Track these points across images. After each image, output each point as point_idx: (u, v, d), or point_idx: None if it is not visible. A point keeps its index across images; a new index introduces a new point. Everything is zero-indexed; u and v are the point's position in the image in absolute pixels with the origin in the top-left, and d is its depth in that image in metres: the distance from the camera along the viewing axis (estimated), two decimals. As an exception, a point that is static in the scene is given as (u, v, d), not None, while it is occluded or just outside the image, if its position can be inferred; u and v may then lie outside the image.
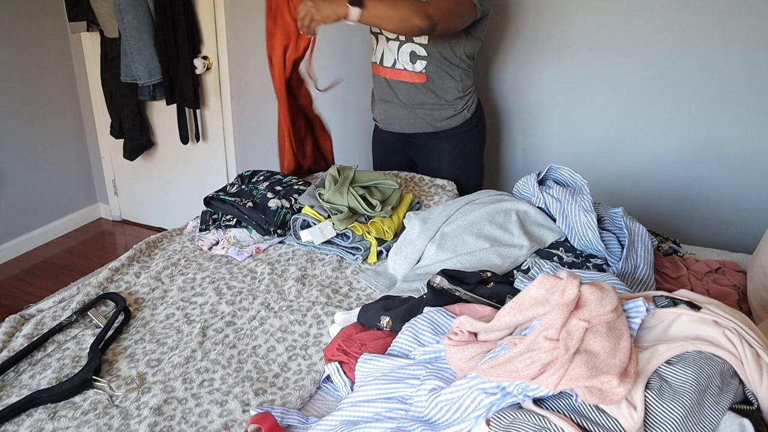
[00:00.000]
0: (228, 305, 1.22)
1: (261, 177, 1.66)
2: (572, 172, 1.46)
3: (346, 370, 0.99)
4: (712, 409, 0.70)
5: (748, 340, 0.75)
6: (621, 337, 0.72)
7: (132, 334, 1.13)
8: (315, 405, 0.98)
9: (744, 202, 2.05)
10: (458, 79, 1.80)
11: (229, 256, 1.42)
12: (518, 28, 2.18)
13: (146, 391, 0.98)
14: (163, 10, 2.63)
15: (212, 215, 1.52)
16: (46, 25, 3.00)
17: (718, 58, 1.93)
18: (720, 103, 1.97)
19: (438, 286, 1.05)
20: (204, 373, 1.02)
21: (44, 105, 3.09)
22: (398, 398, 0.85)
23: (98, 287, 1.25)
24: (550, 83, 2.21)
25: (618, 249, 1.30)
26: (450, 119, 1.83)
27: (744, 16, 1.85)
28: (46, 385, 0.98)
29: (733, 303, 1.23)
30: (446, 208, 1.45)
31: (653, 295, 0.84)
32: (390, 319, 1.04)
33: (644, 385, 0.70)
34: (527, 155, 2.37)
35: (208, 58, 2.80)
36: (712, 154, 2.05)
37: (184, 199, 3.24)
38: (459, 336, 0.84)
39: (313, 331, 1.14)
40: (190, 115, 2.98)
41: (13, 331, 1.11)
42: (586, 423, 0.70)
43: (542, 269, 1.21)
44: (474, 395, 0.74)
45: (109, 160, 3.36)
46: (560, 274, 0.76)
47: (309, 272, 1.35)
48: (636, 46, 2.03)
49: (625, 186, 2.23)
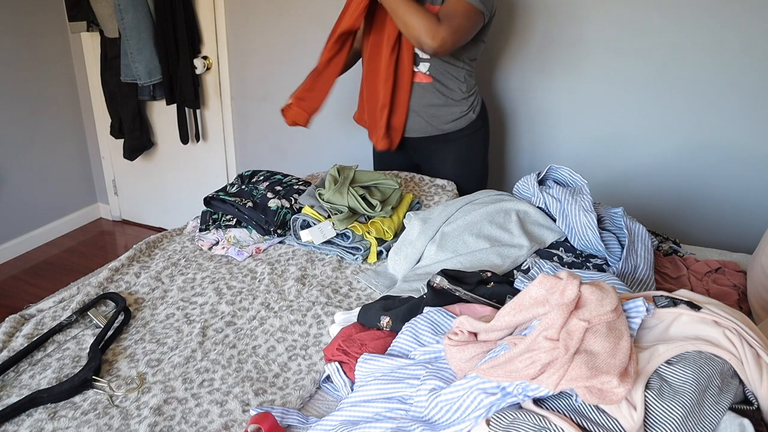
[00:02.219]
0: (228, 305, 1.22)
1: (261, 177, 1.66)
2: (572, 172, 1.46)
3: (346, 370, 0.99)
4: (712, 409, 0.70)
5: (748, 340, 0.75)
6: (621, 337, 0.72)
7: (132, 334, 1.13)
8: (315, 405, 0.98)
9: (744, 202, 2.05)
10: (462, 79, 1.80)
11: (229, 256, 1.42)
12: (524, 30, 2.18)
13: (146, 391, 0.98)
14: (163, 10, 2.63)
15: (212, 215, 1.52)
16: (46, 25, 3.00)
17: (718, 59, 1.93)
18: (720, 103, 1.97)
19: (438, 286, 1.05)
20: (204, 373, 1.02)
21: (44, 105, 3.09)
22: (398, 398, 0.85)
23: (98, 287, 1.25)
24: (552, 84, 2.21)
25: (618, 249, 1.30)
26: (456, 121, 1.83)
27: (744, 15, 1.85)
28: (46, 385, 0.98)
29: (733, 303, 1.23)
30: (446, 208, 1.45)
31: (653, 295, 0.84)
32: (390, 319, 1.04)
33: (644, 385, 0.70)
34: (531, 155, 2.37)
35: (208, 58, 2.80)
36: (712, 154, 2.05)
37: (184, 199, 3.24)
38: (459, 336, 0.84)
39: (313, 331, 1.14)
40: (190, 115, 2.98)
41: (13, 331, 1.11)
42: (586, 423, 0.69)
43: (542, 269, 1.20)
44: (474, 395, 0.74)
45: (109, 160, 3.36)
46: (560, 274, 0.76)
47: (309, 272, 1.35)
48: (637, 47, 2.03)
49: (625, 186, 2.23)
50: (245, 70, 2.77)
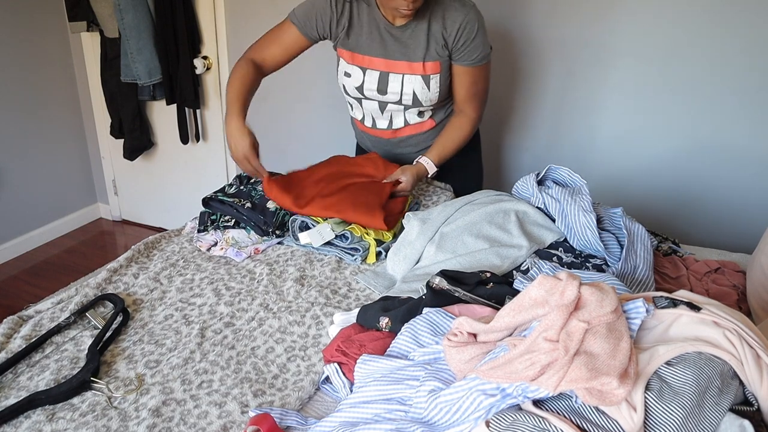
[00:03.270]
0: (227, 306, 1.22)
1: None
2: (571, 172, 1.46)
3: (345, 371, 0.98)
4: (713, 410, 0.69)
5: (748, 341, 0.74)
6: (621, 338, 0.72)
7: (130, 336, 1.13)
8: (314, 406, 0.98)
9: (744, 202, 2.05)
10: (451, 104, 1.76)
11: (227, 257, 1.41)
12: (521, 30, 2.18)
13: (145, 393, 0.97)
14: (163, 10, 2.63)
15: (211, 216, 1.52)
16: (46, 25, 3.00)
17: (718, 59, 1.93)
18: (720, 103, 1.97)
19: (437, 286, 1.05)
20: (203, 374, 1.02)
21: (44, 105, 3.09)
22: (397, 399, 0.85)
23: (96, 288, 1.25)
24: (552, 84, 2.20)
25: (617, 249, 1.29)
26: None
27: (744, 15, 1.85)
28: (44, 386, 0.97)
29: (732, 303, 1.23)
30: (445, 208, 1.45)
31: (653, 296, 0.84)
32: (389, 320, 1.04)
33: (644, 386, 0.70)
34: (531, 155, 2.36)
35: (208, 58, 2.80)
36: (711, 154, 2.04)
37: (184, 199, 3.24)
38: (458, 337, 0.83)
39: (312, 332, 1.14)
40: (190, 115, 2.98)
41: (11, 333, 1.11)
42: (585, 424, 0.69)
43: (541, 270, 1.20)
44: (473, 396, 0.74)
45: (109, 160, 3.36)
46: (560, 275, 0.75)
47: (308, 273, 1.35)
48: (636, 46, 2.02)
49: (625, 186, 2.23)
50: (245, 70, 2.77)
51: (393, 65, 1.59)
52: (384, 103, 1.67)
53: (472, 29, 1.53)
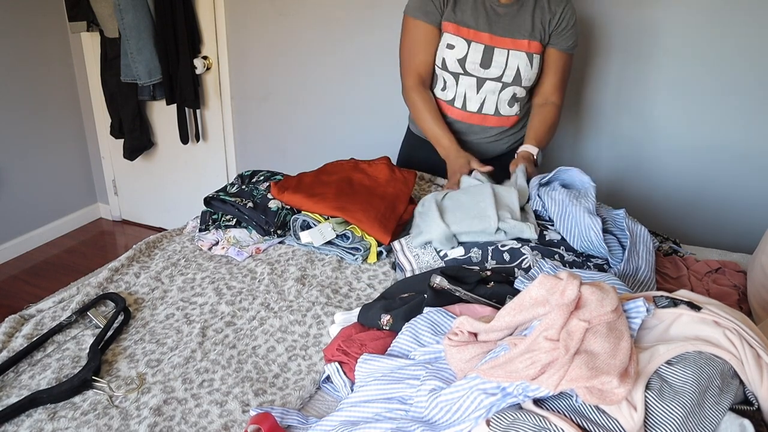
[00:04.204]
0: (228, 305, 1.22)
1: (261, 177, 1.66)
2: (581, 172, 1.44)
3: (346, 370, 0.99)
4: (713, 410, 0.69)
5: (749, 341, 0.75)
6: (621, 338, 0.72)
7: (132, 335, 1.13)
8: (315, 405, 0.98)
9: (744, 202, 2.05)
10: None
11: (228, 256, 1.42)
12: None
13: (146, 392, 0.98)
14: (163, 10, 2.63)
15: (212, 215, 1.52)
16: (46, 25, 3.00)
17: (718, 59, 1.93)
18: (720, 103, 1.97)
19: (438, 286, 1.05)
20: (204, 373, 1.02)
21: (44, 105, 3.09)
22: (398, 398, 0.85)
23: (98, 287, 1.25)
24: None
25: (619, 250, 1.29)
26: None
27: (742, 15, 1.85)
28: (45, 385, 0.97)
29: (733, 303, 1.23)
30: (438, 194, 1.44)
31: (653, 296, 0.84)
32: (391, 317, 1.04)
33: (644, 385, 0.70)
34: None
35: (208, 58, 2.80)
36: (712, 154, 2.05)
37: (184, 199, 3.24)
38: (459, 336, 0.84)
39: (312, 332, 1.14)
40: (190, 115, 2.98)
41: (12, 332, 1.11)
42: (586, 423, 0.69)
43: (542, 269, 1.20)
44: (474, 396, 0.74)
45: (109, 160, 3.36)
46: (560, 275, 0.76)
47: (309, 272, 1.35)
48: (637, 47, 2.03)
49: (625, 186, 2.23)
50: (245, 70, 2.77)
51: (498, 41, 1.61)
52: (482, 80, 1.65)
53: (573, 14, 1.62)
